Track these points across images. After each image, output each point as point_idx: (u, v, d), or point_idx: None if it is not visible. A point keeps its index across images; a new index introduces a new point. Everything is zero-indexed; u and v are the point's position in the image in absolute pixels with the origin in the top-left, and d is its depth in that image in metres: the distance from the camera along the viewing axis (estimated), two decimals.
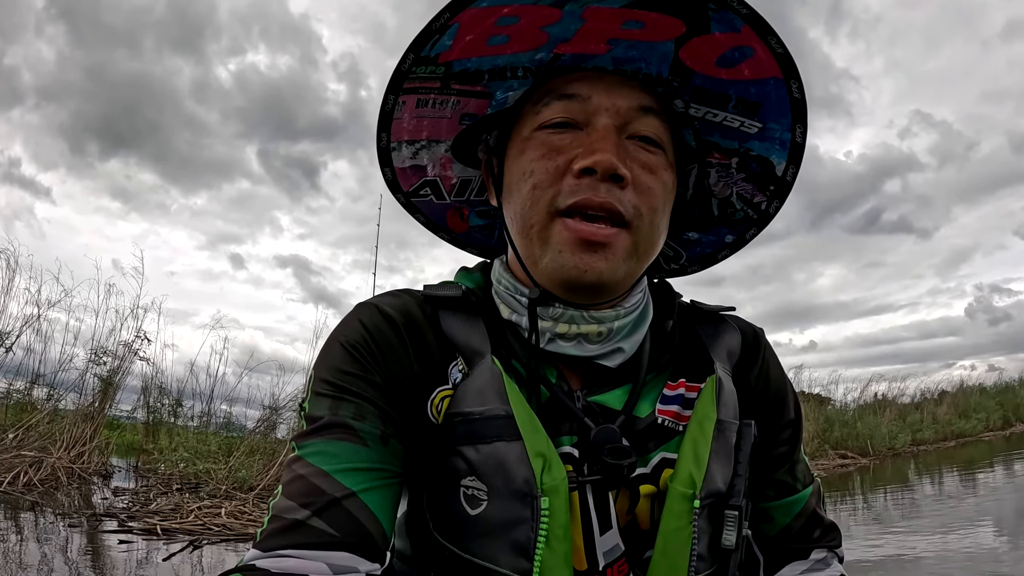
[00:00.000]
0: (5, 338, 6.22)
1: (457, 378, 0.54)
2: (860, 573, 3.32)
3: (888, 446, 10.23)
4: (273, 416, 6.80)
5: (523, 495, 0.47)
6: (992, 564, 3.06)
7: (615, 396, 0.56)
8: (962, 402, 13.20)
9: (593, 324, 0.54)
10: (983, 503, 5.35)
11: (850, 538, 4.30)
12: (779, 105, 0.55)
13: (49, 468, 4.99)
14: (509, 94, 0.58)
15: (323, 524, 0.46)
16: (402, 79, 0.55)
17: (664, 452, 0.55)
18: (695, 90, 0.56)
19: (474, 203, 0.69)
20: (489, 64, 0.54)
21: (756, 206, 0.63)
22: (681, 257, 0.71)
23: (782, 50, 0.51)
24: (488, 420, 0.49)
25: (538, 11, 0.49)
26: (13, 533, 3.52)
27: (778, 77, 0.53)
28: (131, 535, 3.56)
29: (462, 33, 0.52)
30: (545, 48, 0.53)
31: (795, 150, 0.58)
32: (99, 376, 6.32)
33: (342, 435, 0.49)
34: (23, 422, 5.50)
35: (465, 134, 0.62)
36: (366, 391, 0.51)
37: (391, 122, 0.60)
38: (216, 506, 4.42)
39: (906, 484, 7.26)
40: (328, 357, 0.54)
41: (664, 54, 0.53)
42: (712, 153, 0.61)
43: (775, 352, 0.66)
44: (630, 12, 0.49)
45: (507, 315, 0.57)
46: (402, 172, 0.65)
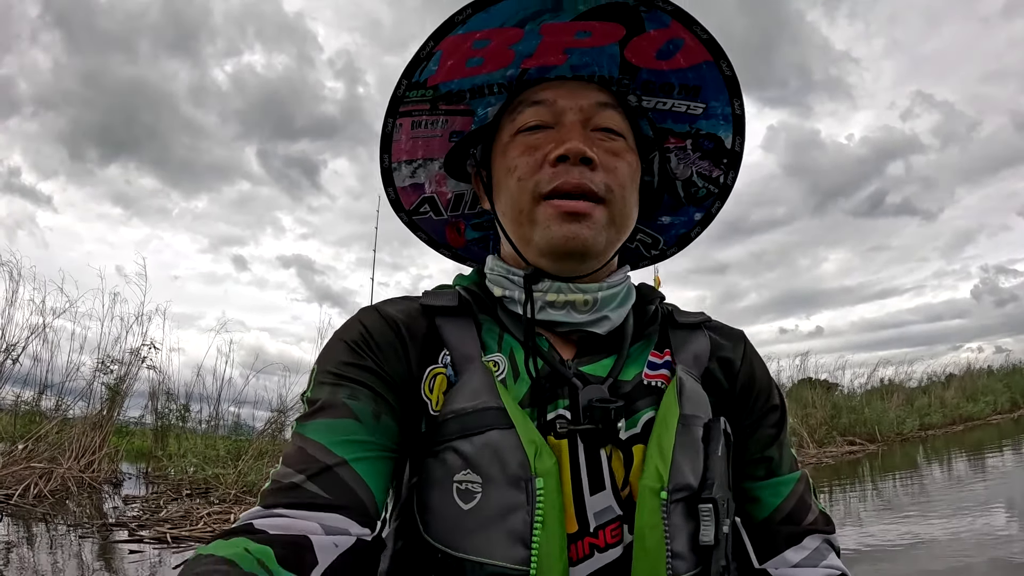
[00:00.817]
0: (12, 350, 6.26)
1: (446, 362, 0.58)
2: (871, 558, 3.32)
3: (896, 431, 10.21)
4: (281, 418, 6.83)
5: (518, 479, 0.49)
6: (1004, 547, 3.05)
7: (603, 365, 0.60)
8: (969, 385, 13.16)
9: (579, 293, 0.60)
10: (992, 487, 5.34)
11: (860, 524, 4.30)
12: (715, 84, 0.63)
13: (59, 479, 5.02)
14: (488, 109, 0.66)
15: (316, 488, 0.49)
16: (398, 103, 0.63)
17: (651, 412, 0.57)
18: (643, 83, 0.64)
19: (469, 216, 0.76)
20: (469, 84, 0.63)
21: (715, 180, 0.71)
22: (659, 242, 0.77)
23: (707, 36, 0.59)
24: (481, 412, 0.52)
25: (504, 32, 0.59)
26: (26, 546, 3.55)
27: (709, 60, 0.61)
28: (142, 544, 3.58)
29: (444, 58, 0.60)
30: (513, 65, 0.62)
31: (737, 121, 0.66)
32: (107, 384, 6.35)
33: (338, 413, 0.53)
34: (32, 433, 5.53)
35: (455, 150, 0.69)
36: (361, 376, 0.56)
37: (391, 144, 0.67)
38: (226, 511, 4.44)
39: (915, 470, 7.25)
40: (329, 352, 0.59)
41: (612, 56, 0.62)
42: (668, 139, 0.69)
43: (757, 351, 0.70)
44: (578, 24, 0.58)
45: (499, 293, 0.63)
46: (403, 191, 0.72)
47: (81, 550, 3.50)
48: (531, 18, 0.58)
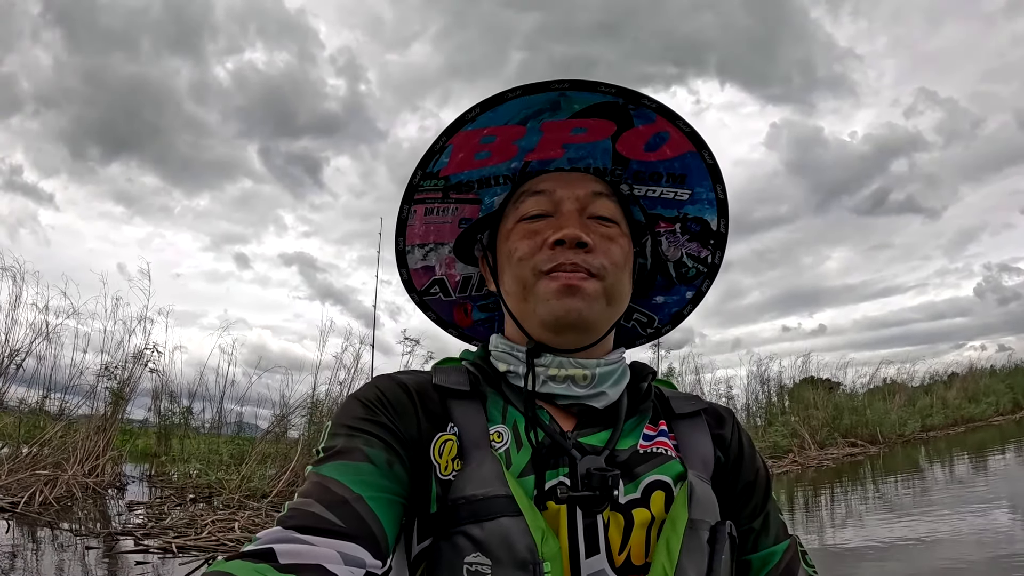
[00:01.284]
0: (16, 355, 6.29)
1: (456, 432, 0.61)
2: (877, 556, 3.33)
3: (898, 433, 10.21)
4: (284, 421, 6.86)
5: (526, 563, 0.52)
6: (1006, 545, 3.05)
7: (600, 437, 0.63)
8: (972, 386, 13.15)
9: (579, 368, 0.64)
10: (994, 489, 5.34)
11: (862, 526, 4.31)
12: (699, 172, 0.69)
13: (64, 485, 5.04)
14: (495, 198, 0.72)
15: (334, 517, 0.51)
16: (413, 192, 0.69)
17: (653, 475, 0.61)
18: (634, 173, 0.70)
19: (475, 298, 0.81)
20: (477, 175, 0.69)
21: (703, 261, 0.76)
22: (655, 321, 0.82)
23: (689, 129, 0.65)
24: (491, 500, 0.55)
25: (509, 129, 0.65)
26: (33, 555, 3.57)
27: (692, 150, 0.67)
28: (147, 554, 3.61)
29: (455, 151, 0.66)
30: (517, 158, 0.68)
31: (721, 205, 0.71)
32: (110, 389, 6.37)
33: (354, 457, 0.56)
34: (37, 438, 5.56)
35: (464, 236, 0.75)
36: (375, 429, 0.59)
37: (406, 229, 0.73)
38: (230, 518, 4.47)
39: (916, 472, 7.25)
40: (345, 409, 0.62)
41: (605, 150, 0.68)
42: (659, 223, 0.74)
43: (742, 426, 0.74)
44: (574, 121, 0.65)
45: (503, 368, 0.66)
46: (415, 273, 0.77)
47: (88, 560, 3.52)
48: (532, 116, 0.64)
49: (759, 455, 0.72)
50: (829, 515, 5.11)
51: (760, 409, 10.69)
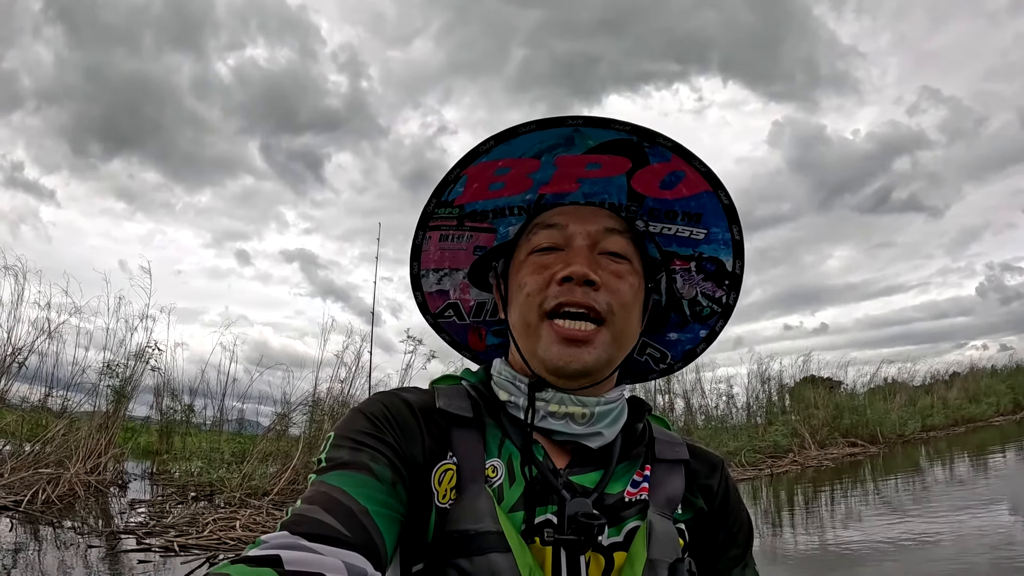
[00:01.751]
0: (18, 353, 6.31)
1: (455, 461, 0.62)
2: (878, 556, 3.34)
3: (898, 433, 10.21)
4: (286, 419, 6.88)
5: None
6: (1006, 548, 3.05)
7: (591, 477, 0.64)
8: (972, 386, 13.14)
9: (579, 406, 0.64)
10: (994, 489, 5.34)
11: (862, 526, 4.31)
12: (715, 212, 0.68)
13: (67, 484, 5.07)
14: (510, 228, 0.73)
15: (339, 525, 0.50)
16: (428, 218, 0.70)
17: (635, 521, 0.63)
18: (649, 210, 0.70)
19: (489, 323, 0.82)
20: (492, 205, 0.70)
21: (718, 300, 0.75)
22: (667, 357, 0.81)
23: (705, 169, 0.64)
24: (483, 536, 0.56)
25: (523, 162, 0.65)
26: (36, 554, 3.59)
27: (708, 190, 0.66)
28: (150, 553, 3.63)
29: (470, 182, 0.67)
30: (531, 191, 0.69)
31: (736, 246, 0.71)
32: (112, 387, 6.40)
33: (360, 470, 0.56)
34: (40, 436, 5.58)
35: (478, 263, 0.76)
36: (380, 447, 0.59)
37: (421, 254, 0.74)
38: (231, 516, 4.49)
39: (916, 472, 7.26)
40: (350, 422, 0.61)
41: (620, 186, 0.68)
42: (673, 261, 0.74)
43: (731, 477, 0.76)
44: (589, 157, 0.65)
45: (504, 398, 0.67)
46: (430, 296, 0.78)
47: (90, 559, 3.54)
48: (547, 151, 0.64)
49: (744, 508, 0.74)
50: (829, 514, 5.11)
51: (760, 408, 10.71)
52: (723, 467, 0.75)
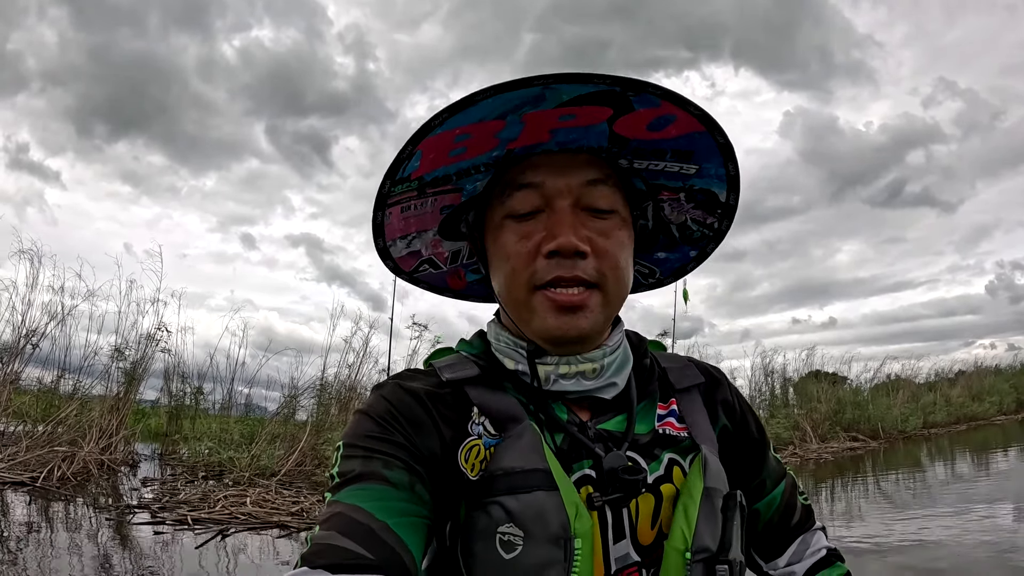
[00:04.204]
0: (32, 335, 6.43)
1: (480, 432, 0.61)
2: (878, 555, 3.38)
3: (899, 429, 10.23)
4: (293, 402, 6.98)
5: (558, 538, 0.53)
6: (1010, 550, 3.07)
7: (616, 422, 0.64)
8: (976, 384, 13.11)
9: (587, 363, 0.63)
10: (996, 487, 5.37)
11: (862, 520, 4.36)
12: (708, 150, 0.63)
13: (81, 462, 5.19)
14: (476, 184, 0.67)
15: (360, 548, 0.50)
16: (385, 199, 0.65)
17: (670, 453, 0.64)
18: (634, 150, 0.64)
19: (467, 264, 0.78)
20: (454, 168, 0.64)
21: (709, 226, 0.72)
22: (656, 273, 0.80)
23: (700, 113, 0.59)
24: (529, 473, 0.56)
25: (485, 125, 0.58)
26: (54, 527, 3.71)
27: (702, 130, 0.61)
28: (164, 525, 3.74)
29: (426, 155, 0.60)
30: (499, 148, 0.62)
31: (732, 181, 0.67)
32: (123, 369, 6.51)
33: (374, 481, 0.55)
34: (53, 416, 5.70)
35: (447, 219, 0.71)
36: (391, 449, 0.57)
37: (384, 230, 0.69)
38: (241, 494, 4.59)
39: (914, 467, 7.28)
40: (356, 428, 0.60)
41: (600, 132, 0.61)
42: (661, 192, 0.69)
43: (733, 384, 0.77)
44: (562, 110, 0.57)
45: (511, 366, 0.65)
46: (401, 260, 0.74)
47: (108, 531, 3.66)
48: (512, 111, 0.57)
49: (751, 411, 0.76)
50: (830, 510, 5.15)
51: (764, 401, 10.76)
52: (725, 377, 0.76)
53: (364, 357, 7.27)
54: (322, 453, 5.94)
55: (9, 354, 6.18)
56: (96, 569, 2.91)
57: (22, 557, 2.97)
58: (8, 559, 2.92)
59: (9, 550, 3.06)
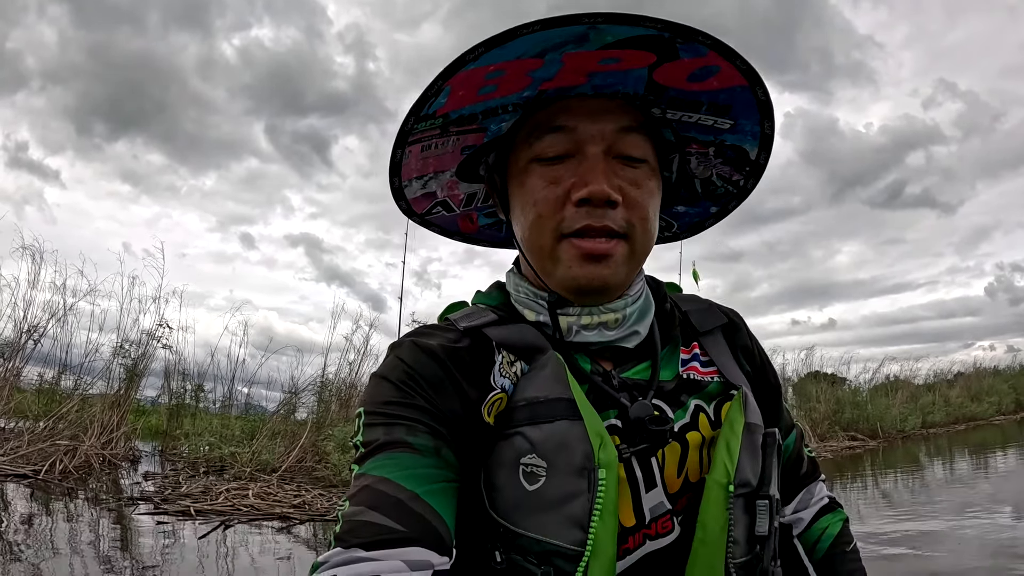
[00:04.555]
0: (33, 331, 6.44)
1: (503, 384, 0.59)
2: (876, 551, 3.39)
3: (898, 428, 10.25)
4: (293, 399, 6.99)
5: (581, 469, 0.52)
6: (1009, 552, 3.06)
7: (640, 370, 0.63)
8: (975, 385, 13.14)
9: (609, 313, 0.62)
10: (994, 486, 5.39)
11: (860, 520, 4.38)
12: (747, 106, 0.61)
13: (83, 456, 5.20)
14: (502, 124, 0.64)
15: (392, 522, 0.49)
16: (406, 136, 0.62)
17: (696, 400, 0.62)
18: (669, 99, 0.62)
19: (481, 208, 0.77)
20: (482, 107, 0.60)
21: (735, 183, 0.71)
22: (673, 227, 0.79)
23: (746, 67, 0.57)
24: (552, 403, 0.54)
25: (521, 62, 0.55)
26: (57, 518, 3.72)
27: (744, 84, 0.59)
28: (167, 516, 3.76)
29: (454, 91, 0.57)
30: (530, 88, 0.58)
31: (765, 139, 0.65)
32: (124, 365, 6.52)
33: (399, 449, 0.53)
34: (54, 412, 5.71)
35: (466, 159, 0.68)
36: (413, 414, 0.56)
37: (400, 169, 0.67)
38: (243, 488, 4.61)
39: (915, 466, 7.31)
40: (375, 393, 0.58)
41: (639, 78, 0.59)
42: (691, 144, 0.67)
43: (750, 329, 0.75)
44: (604, 52, 0.55)
45: (532, 318, 0.64)
46: (415, 201, 0.73)
47: (112, 522, 3.67)
48: (552, 49, 0.54)
49: (768, 359, 0.75)
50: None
51: None
52: (743, 320, 0.74)
53: (364, 355, 7.29)
54: (322, 449, 5.95)
55: (11, 350, 6.20)
56: (102, 558, 2.93)
57: (28, 546, 2.99)
58: (14, 549, 2.94)
59: (14, 540, 3.07)
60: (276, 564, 3.03)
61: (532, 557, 0.52)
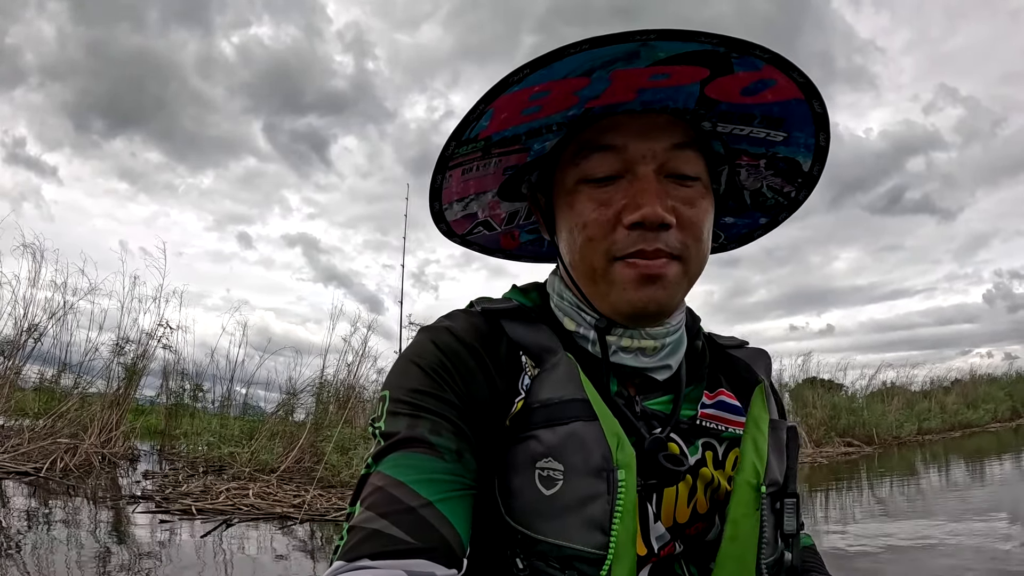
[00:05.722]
0: (34, 330, 6.46)
1: (527, 384, 0.57)
2: (871, 556, 3.42)
3: (894, 435, 10.30)
4: (292, 400, 7.02)
5: (599, 470, 0.50)
6: (1002, 558, 3.07)
7: (662, 403, 0.62)
8: (971, 392, 13.20)
9: (649, 340, 0.61)
10: (988, 493, 5.42)
11: (855, 524, 4.41)
12: (802, 118, 0.59)
13: (83, 454, 5.22)
14: (546, 144, 0.62)
15: (401, 532, 0.47)
16: (447, 161, 0.60)
17: (706, 438, 0.62)
18: (720, 114, 0.59)
19: (523, 225, 0.75)
20: (525, 128, 0.59)
21: (786, 195, 0.69)
22: (720, 237, 0.77)
23: (804, 80, 0.55)
24: (566, 404, 0.53)
25: (567, 82, 0.53)
26: (58, 515, 3.75)
27: (800, 98, 0.57)
28: (169, 515, 3.79)
29: (497, 114, 0.55)
30: (576, 107, 0.56)
31: (819, 151, 0.63)
32: (124, 364, 6.54)
33: (420, 448, 0.52)
34: (54, 410, 5.73)
35: (508, 180, 0.67)
36: (442, 409, 0.54)
37: (441, 193, 0.65)
38: (243, 487, 4.63)
39: (909, 472, 7.34)
40: (403, 377, 0.56)
41: (690, 93, 0.56)
42: (741, 157, 0.65)
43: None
44: (655, 69, 0.52)
45: (571, 327, 0.62)
46: (456, 223, 0.71)
47: (113, 519, 3.70)
48: (600, 67, 0.52)
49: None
50: (824, 514, 5.20)
51: None
52: (767, 358, 0.71)
53: (363, 357, 7.32)
54: (321, 450, 5.98)
55: (11, 347, 6.22)
56: (104, 555, 2.96)
57: (29, 544, 3.02)
58: (15, 546, 2.97)
59: (15, 538, 3.10)
60: (277, 562, 3.07)
61: (554, 562, 0.51)
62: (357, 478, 0.54)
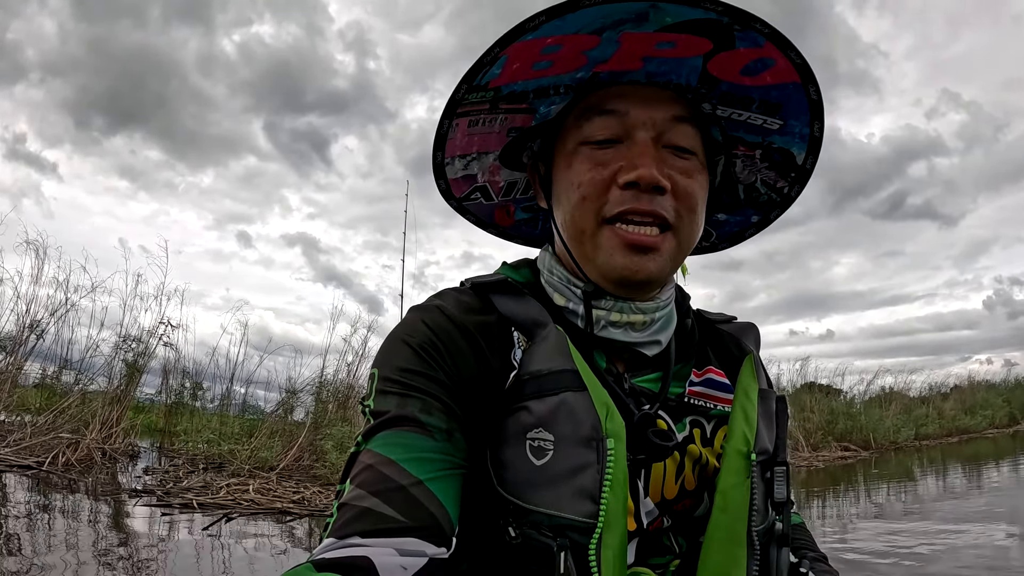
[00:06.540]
0: (36, 326, 6.49)
1: (519, 356, 0.58)
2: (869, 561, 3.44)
3: (891, 440, 10.33)
4: (291, 399, 7.05)
5: (589, 440, 0.50)
6: (1003, 562, 3.07)
7: (651, 380, 0.63)
8: (969, 398, 13.23)
9: (639, 314, 0.61)
10: (985, 498, 5.44)
11: (853, 528, 4.44)
12: (798, 105, 0.60)
13: (85, 449, 5.26)
14: (552, 107, 0.62)
15: (391, 510, 0.48)
16: (456, 106, 0.60)
17: (694, 416, 0.63)
18: (721, 95, 0.60)
19: (519, 200, 0.75)
20: (534, 85, 0.59)
21: (779, 191, 0.69)
22: (712, 236, 0.77)
23: (801, 61, 0.56)
24: (556, 375, 0.53)
25: (578, 38, 0.54)
26: (61, 508, 3.79)
27: (797, 82, 0.58)
28: (170, 508, 3.83)
29: (510, 62, 0.56)
30: (585, 68, 0.57)
31: (813, 143, 0.64)
32: (125, 361, 6.57)
33: (410, 427, 0.52)
34: (55, 406, 5.76)
35: (511, 143, 0.67)
36: (432, 388, 0.54)
37: (445, 143, 0.65)
38: (243, 483, 4.67)
39: (906, 477, 7.36)
40: (393, 356, 0.56)
41: (693, 68, 0.58)
42: (738, 146, 0.66)
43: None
44: (662, 35, 0.54)
45: (561, 303, 0.63)
46: (455, 182, 0.71)
47: (115, 513, 3.74)
48: (611, 27, 0.53)
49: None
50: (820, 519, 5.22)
51: None
52: (756, 331, 0.73)
53: (363, 357, 7.36)
54: (320, 448, 6.02)
55: (13, 343, 6.25)
56: (107, 548, 2.99)
57: (32, 538, 3.06)
58: (19, 538, 3.01)
59: (19, 529, 3.14)
60: (276, 556, 3.11)
61: (547, 531, 0.51)
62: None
